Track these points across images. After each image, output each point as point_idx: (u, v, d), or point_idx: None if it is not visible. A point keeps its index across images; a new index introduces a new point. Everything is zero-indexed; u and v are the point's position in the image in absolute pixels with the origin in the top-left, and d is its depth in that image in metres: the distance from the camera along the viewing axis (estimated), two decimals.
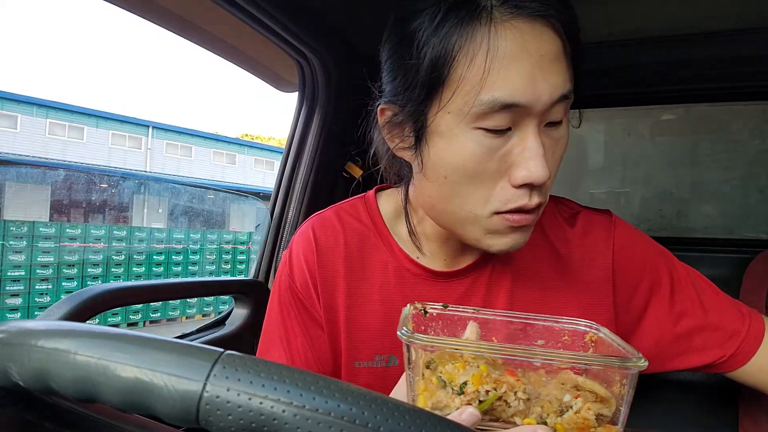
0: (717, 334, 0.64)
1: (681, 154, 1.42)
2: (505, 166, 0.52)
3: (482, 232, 0.55)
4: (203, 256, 8.34)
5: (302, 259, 0.66)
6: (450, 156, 0.53)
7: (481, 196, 0.53)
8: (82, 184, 9.89)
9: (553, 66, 0.50)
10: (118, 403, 0.26)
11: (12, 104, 13.48)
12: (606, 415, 0.41)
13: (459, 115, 0.51)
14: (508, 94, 0.48)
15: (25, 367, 0.28)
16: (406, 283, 0.65)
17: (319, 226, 0.68)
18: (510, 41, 0.48)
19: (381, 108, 0.59)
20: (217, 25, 1.10)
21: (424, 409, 0.25)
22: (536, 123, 0.51)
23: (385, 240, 0.67)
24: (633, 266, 0.66)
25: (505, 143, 0.51)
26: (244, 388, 0.24)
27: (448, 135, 0.52)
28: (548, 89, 0.49)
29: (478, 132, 0.50)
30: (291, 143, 1.34)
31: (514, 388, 0.41)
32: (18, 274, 6.35)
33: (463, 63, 0.49)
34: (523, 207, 0.52)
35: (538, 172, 0.50)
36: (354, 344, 0.64)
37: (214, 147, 18.63)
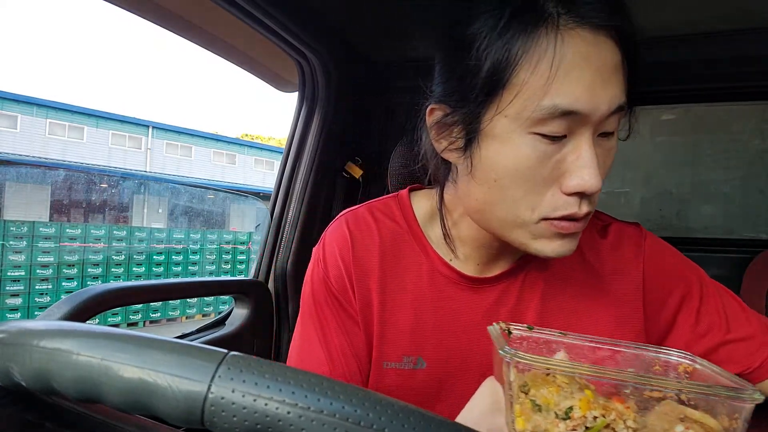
0: (743, 345, 0.64)
1: (681, 154, 1.42)
2: (557, 173, 0.52)
3: (529, 236, 0.55)
4: (203, 256, 8.34)
5: (337, 255, 0.65)
6: (503, 159, 0.52)
7: (530, 201, 0.53)
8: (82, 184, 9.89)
9: (613, 77, 0.51)
10: (120, 403, 0.26)
11: (12, 104, 13.48)
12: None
13: (517, 119, 0.51)
14: (568, 101, 0.49)
15: (27, 367, 0.28)
16: (439, 286, 0.64)
17: (353, 222, 0.67)
18: (574, 50, 0.49)
19: (431, 108, 0.59)
20: (217, 25, 1.10)
21: (429, 412, 0.25)
22: (591, 132, 0.51)
23: (419, 241, 0.66)
24: (663, 278, 0.66)
25: (559, 150, 0.51)
26: (249, 389, 0.24)
27: (502, 138, 0.52)
28: (607, 99, 0.50)
29: (534, 137, 0.51)
30: (291, 143, 1.34)
31: (624, 415, 0.38)
32: (18, 274, 6.35)
33: (527, 68, 0.49)
34: (572, 215, 0.52)
35: (591, 181, 0.50)
36: (384, 344, 0.63)
37: (214, 147, 18.63)
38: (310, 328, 0.65)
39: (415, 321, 0.64)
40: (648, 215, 1.44)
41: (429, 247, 0.66)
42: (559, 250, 0.54)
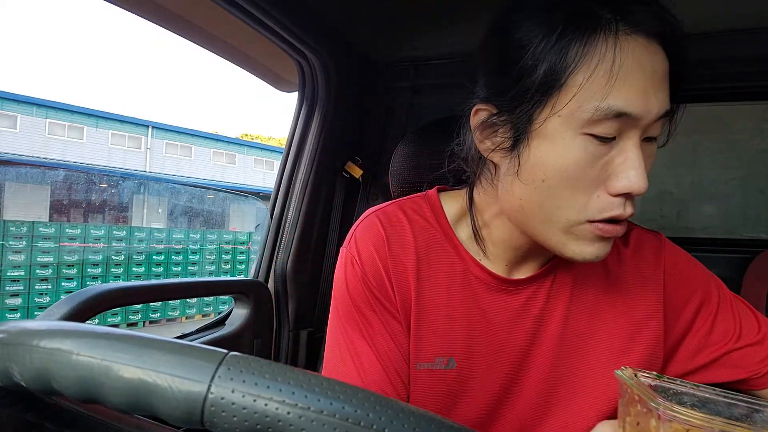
0: (752, 350, 0.66)
1: (681, 154, 1.42)
2: (604, 175, 0.53)
3: (570, 238, 0.55)
4: (203, 256, 8.34)
5: (374, 253, 0.64)
6: (553, 159, 0.53)
7: (577, 202, 0.54)
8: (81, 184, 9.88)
9: (663, 82, 0.52)
10: (120, 404, 0.26)
11: (12, 104, 13.47)
12: None
13: (570, 119, 0.52)
14: (624, 104, 0.50)
15: (27, 367, 0.28)
16: (471, 286, 0.65)
17: (385, 219, 0.66)
18: (629, 56, 0.50)
19: (476, 109, 0.59)
20: (217, 25, 1.10)
21: (429, 412, 0.25)
22: (639, 135, 0.52)
23: (451, 241, 0.66)
24: (682, 286, 0.67)
25: (607, 152, 0.52)
26: (249, 390, 0.24)
27: (554, 138, 0.53)
28: (657, 104, 0.52)
29: (586, 138, 0.52)
30: (291, 143, 1.34)
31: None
32: (18, 274, 6.34)
33: (584, 71, 0.51)
34: (618, 216, 0.53)
35: (638, 182, 0.51)
36: (419, 345, 0.63)
37: (214, 147, 18.62)
38: (354, 333, 0.63)
39: (448, 321, 0.63)
40: (649, 215, 1.44)
41: (461, 247, 0.66)
42: (597, 253, 0.55)
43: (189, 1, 1.00)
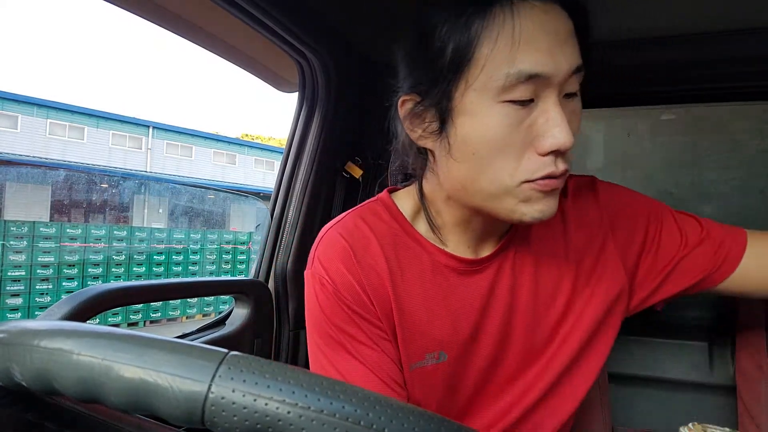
0: (700, 251, 0.70)
1: (681, 154, 1.42)
2: (530, 137, 0.55)
3: (514, 202, 0.57)
4: (203, 256, 8.34)
5: (341, 267, 0.63)
6: (478, 132, 0.56)
7: (510, 167, 0.56)
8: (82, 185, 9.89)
9: (568, 42, 0.55)
10: (121, 403, 0.26)
11: (12, 104, 13.48)
12: None
13: (485, 90, 0.54)
14: (531, 66, 0.53)
15: (28, 367, 0.28)
16: (442, 275, 0.66)
17: (345, 231, 0.65)
18: (528, 20, 0.53)
19: (402, 100, 0.63)
20: (217, 25, 1.10)
21: (428, 411, 0.25)
22: (557, 93, 0.55)
23: (413, 237, 0.67)
24: (625, 216, 0.71)
25: (528, 115, 0.55)
26: (250, 389, 0.24)
27: (474, 112, 0.56)
28: (566, 61, 0.54)
29: (504, 105, 0.54)
30: (291, 143, 1.34)
31: None
32: (18, 274, 6.35)
33: (488, 43, 0.54)
34: (551, 174, 0.55)
35: (563, 138, 0.53)
36: (408, 346, 0.63)
37: (215, 147, 18.62)
38: (338, 355, 0.62)
39: (429, 316, 0.64)
40: None
41: (423, 240, 0.67)
42: (543, 209, 0.57)
43: (189, 1, 1.00)
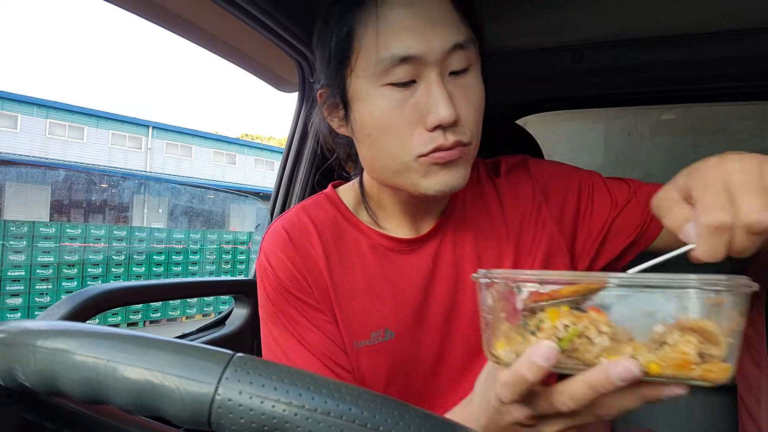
0: (630, 207, 0.72)
1: (681, 154, 1.42)
2: (418, 116, 0.58)
3: (416, 176, 0.60)
4: (203, 256, 8.34)
5: (282, 257, 0.68)
6: (368, 115, 0.60)
7: (403, 144, 0.59)
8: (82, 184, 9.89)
9: (443, 20, 0.58)
10: (126, 405, 0.26)
11: (12, 104, 13.47)
12: (714, 354, 0.35)
13: (368, 76, 0.58)
14: (402, 49, 0.56)
15: (31, 368, 0.28)
16: (383, 256, 0.69)
17: (287, 223, 0.71)
18: (399, 5, 0.57)
19: (319, 93, 0.67)
20: (217, 25, 1.10)
21: (435, 413, 0.25)
22: (437, 72, 0.57)
23: (353, 223, 0.71)
24: (557, 187, 0.73)
25: (412, 95, 0.58)
26: (256, 391, 0.24)
27: (363, 97, 0.60)
28: (439, 40, 0.57)
29: (386, 88, 0.58)
30: (291, 143, 1.34)
31: (596, 322, 0.37)
32: (18, 274, 6.35)
33: (363, 31, 0.58)
34: (441, 146, 0.58)
35: (443, 113, 0.56)
36: (349, 325, 0.66)
37: (215, 147, 18.62)
38: (282, 336, 0.66)
39: (371, 295, 0.67)
40: None
41: (364, 226, 0.71)
42: (444, 181, 0.60)
43: (189, 1, 1.00)
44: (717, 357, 0.35)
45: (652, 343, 0.37)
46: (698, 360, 0.35)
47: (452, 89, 0.58)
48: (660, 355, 0.36)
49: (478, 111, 0.61)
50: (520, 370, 0.38)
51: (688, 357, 0.35)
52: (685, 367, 0.35)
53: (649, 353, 0.36)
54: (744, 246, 0.42)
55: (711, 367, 0.35)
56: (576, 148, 1.59)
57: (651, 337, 0.37)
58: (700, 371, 0.35)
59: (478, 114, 0.61)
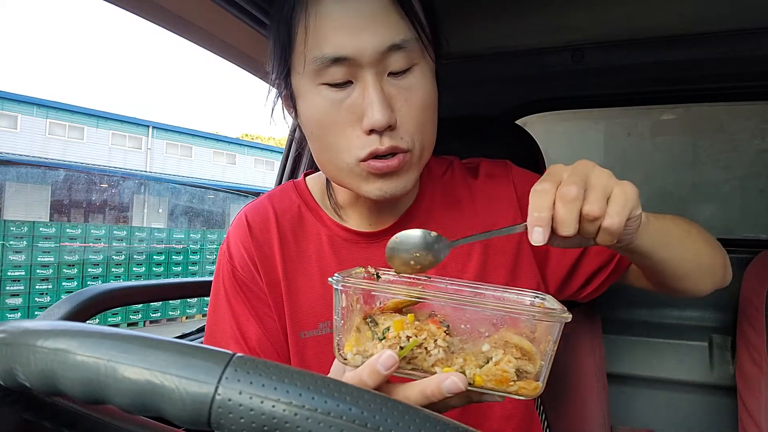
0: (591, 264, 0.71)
1: (681, 154, 1.42)
2: (355, 117, 0.57)
3: (357, 179, 0.60)
4: (203, 256, 8.33)
5: (239, 244, 0.70)
6: (308, 112, 0.60)
7: (341, 145, 0.58)
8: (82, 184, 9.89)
9: (379, 19, 0.55)
10: (127, 405, 0.26)
11: (12, 104, 13.46)
12: (530, 372, 0.41)
13: (306, 75, 0.58)
14: (333, 49, 0.55)
15: (31, 368, 0.28)
16: (340, 248, 0.69)
17: (251, 211, 0.72)
18: (334, 5, 0.55)
19: (276, 84, 0.66)
20: (216, 25, 1.10)
21: (435, 414, 0.25)
22: (374, 73, 0.56)
23: (316, 213, 0.71)
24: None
25: (349, 95, 0.57)
26: (256, 391, 0.24)
27: (303, 95, 0.60)
28: (372, 41, 0.55)
29: (322, 87, 0.57)
30: (291, 143, 1.34)
31: (435, 335, 0.42)
32: (18, 274, 6.34)
33: (301, 31, 0.57)
34: (375, 151, 0.56)
35: (375, 116, 0.54)
36: (297, 315, 0.67)
37: (214, 147, 18.61)
38: (223, 323, 0.68)
39: (324, 287, 0.68)
40: None
41: (326, 216, 0.71)
42: (384, 187, 0.59)
43: (189, 1, 1.00)
44: (531, 374, 0.41)
45: (480, 357, 0.42)
46: (514, 378, 0.41)
47: (392, 91, 0.57)
48: (484, 370, 0.41)
49: (421, 114, 0.59)
50: (362, 375, 0.41)
51: (507, 375, 0.41)
52: (504, 382, 0.41)
53: (476, 367, 0.42)
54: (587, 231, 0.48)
55: (525, 384, 0.41)
56: (576, 148, 1.59)
57: (480, 352, 0.42)
58: (516, 387, 0.41)
59: (421, 117, 0.59)
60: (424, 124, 0.60)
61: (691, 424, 1.10)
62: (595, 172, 0.48)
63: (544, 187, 0.47)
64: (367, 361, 0.41)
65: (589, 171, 0.48)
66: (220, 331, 0.68)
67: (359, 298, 0.45)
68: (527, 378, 0.41)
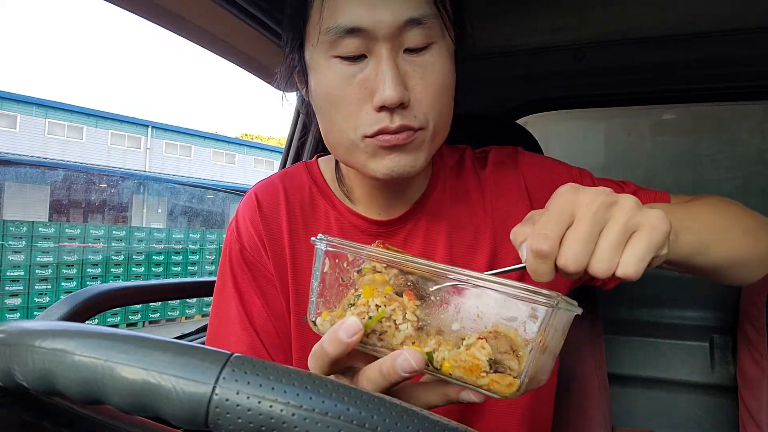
0: None
1: (681, 154, 1.42)
2: (366, 93, 0.55)
3: (364, 157, 0.58)
4: (203, 256, 8.33)
5: (248, 222, 0.68)
6: (319, 87, 0.58)
7: (349, 121, 0.56)
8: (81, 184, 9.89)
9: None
10: (124, 405, 0.26)
11: (11, 104, 13.47)
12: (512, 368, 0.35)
13: (320, 46, 0.56)
14: (349, 19, 0.53)
15: (29, 368, 0.28)
16: (349, 234, 0.68)
17: (261, 189, 0.71)
18: None
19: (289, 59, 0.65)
20: (216, 25, 1.10)
21: (433, 414, 0.25)
22: (389, 48, 0.54)
23: (326, 195, 0.70)
24: (545, 185, 0.69)
25: (361, 70, 0.55)
26: (254, 391, 0.24)
27: (315, 68, 0.58)
28: (390, 14, 0.53)
29: (335, 60, 0.55)
30: (291, 143, 1.34)
31: (405, 308, 0.37)
32: (17, 274, 6.34)
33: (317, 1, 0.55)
34: (384, 129, 0.54)
35: (387, 93, 0.52)
36: (302, 298, 0.66)
37: (214, 147, 18.62)
38: (230, 301, 0.67)
39: None
40: None
41: (336, 199, 0.69)
42: (392, 165, 0.56)
43: (188, 1, 0.99)
44: (513, 371, 0.35)
45: (457, 340, 0.36)
46: (487, 368, 0.35)
47: (407, 68, 0.55)
48: (453, 353, 0.36)
49: (437, 94, 0.57)
50: (323, 342, 0.37)
51: (477, 363, 0.35)
52: (473, 372, 0.35)
53: (448, 351, 0.36)
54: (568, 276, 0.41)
55: (499, 378, 0.34)
56: (576, 148, 1.59)
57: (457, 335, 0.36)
58: (488, 380, 0.35)
59: (437, 97, 0.57)
60: (439, 105, 0.57)
61: (691, 424, 1.10)
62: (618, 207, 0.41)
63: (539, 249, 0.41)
64: (331, 328, 0.37)
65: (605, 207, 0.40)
66: (225, 311, 0.67)
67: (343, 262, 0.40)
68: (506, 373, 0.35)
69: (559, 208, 0.41)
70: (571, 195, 0.42)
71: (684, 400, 1.11)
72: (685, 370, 1.10)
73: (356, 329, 0.36)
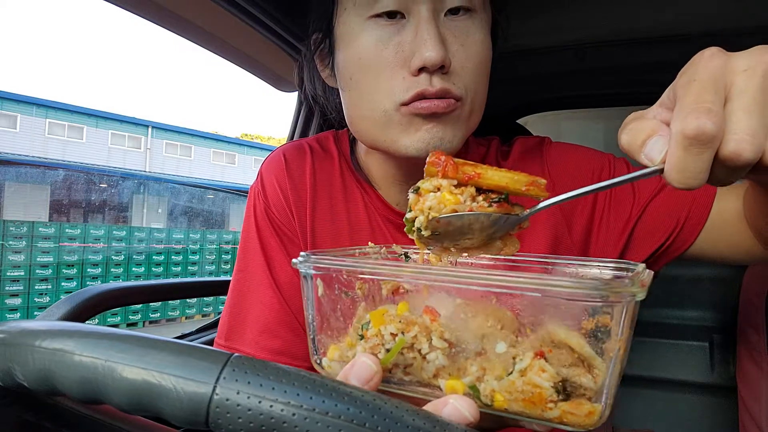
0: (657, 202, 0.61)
1: None
2: (403, 56, 0.52)
3: (396, 131, 0.54)
4: (203, 256, 8.33)
5: (275, 183, 0.66)
6: (351, 53, 0.55)
7: (384, 88, 0.53)
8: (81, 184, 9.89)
9: None
10: (125, 405, 0.26)
11: (12, 104, 13.46)
12: (587, 387, 0.26)
13: (354, 8, 0.54)
14: None
15: (29, 368, 0.28)
16: (374, 216, 0.66)
17: (289, 149, 0.69)
18: None
19: (312, 39, 0.63)
20: (216, 25, 1.10)
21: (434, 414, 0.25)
22: (430, 8, 0.51)
23: (351, 171, 0.68)
24: (571, 176, 0.65)
25: (399, 31, 0.53)
26: (254, 391, 0.24)
27: (349, 35, 0.55)
28: None
29: (371, 21, 0.53)
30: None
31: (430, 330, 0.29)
32: (17, 274, 6.34)
33: None
34: (424, 92, 0.51)
35: (429, 53, 0.49)
36: None
37: (214, 147, 18.62)
38: (255, 263, 0.64)
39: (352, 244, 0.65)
40: None
41: (364, 183, 0.67)
42: (427, 137, 0.53)
43: (188, 1, 0.99)
44: (588, 390, 0.26)
45: (505, 363, 0.27)
46: (554, 396, 0.26)
47: (447, 32, 0.52)
48: (504, 383, 0.27)
49: (477, 66, 0.54)
50: None
51: (540, 391, 0.26)
52: (537, 404, 0.26)
53: (495, 379, 0.27)
54: (721, 175, 0.31)
55: (574, 408, 0.26)
56: None
57: (502, 355, 0.27)
58: (558, 412, 0.26)
59: (476, 68, 0.54)
60: (479, 78, 0.55)
61: (691, 424, 1.10)
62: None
63: (701, 128, 0.29)
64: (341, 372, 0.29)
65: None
66: (250, 272, 0.64)
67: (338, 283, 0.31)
68: (579, 396, 0.26)
69: (711, 75, 0.31)
70: (721, 59, 0.31)
71: (684, 400, 1.11)
72: (685, 370, 1.10)
73: (371, 373, 0.28)
